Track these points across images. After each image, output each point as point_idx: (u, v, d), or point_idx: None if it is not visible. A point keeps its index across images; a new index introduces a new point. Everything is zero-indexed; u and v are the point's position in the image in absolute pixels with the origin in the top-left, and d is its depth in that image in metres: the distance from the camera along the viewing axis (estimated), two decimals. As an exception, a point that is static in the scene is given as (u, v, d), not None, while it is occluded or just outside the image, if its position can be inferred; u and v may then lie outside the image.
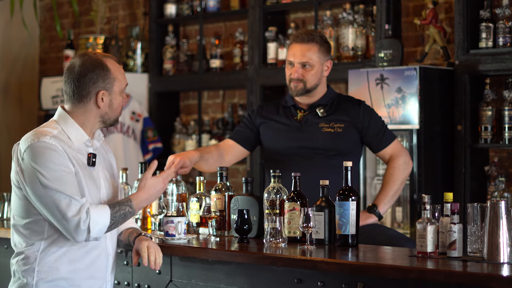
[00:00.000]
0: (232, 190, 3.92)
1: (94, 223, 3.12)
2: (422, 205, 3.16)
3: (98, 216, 3.14)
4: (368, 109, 4.25)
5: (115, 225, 3.22)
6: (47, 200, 3.11)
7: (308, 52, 4.15)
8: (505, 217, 3.00)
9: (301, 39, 4.16)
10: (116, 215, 3.19)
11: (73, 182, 3.14)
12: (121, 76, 3.30)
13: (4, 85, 8.04)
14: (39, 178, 3.11)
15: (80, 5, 7.81)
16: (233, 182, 6.50)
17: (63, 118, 3.28)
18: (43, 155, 3.13)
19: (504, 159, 5.39)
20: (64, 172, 3.13)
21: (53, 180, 3.10)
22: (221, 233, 3.87)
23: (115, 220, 3.19)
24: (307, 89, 4.17)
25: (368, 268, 3.05)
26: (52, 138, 3.17)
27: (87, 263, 3.22)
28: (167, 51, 7.03)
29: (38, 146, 3.14)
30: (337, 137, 4.15)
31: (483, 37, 5.18)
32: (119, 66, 3.33)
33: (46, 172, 3.10)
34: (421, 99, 5.19)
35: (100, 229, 3.15)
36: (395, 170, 4.17)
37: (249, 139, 4.31)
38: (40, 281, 3.16)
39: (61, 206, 3.09)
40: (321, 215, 3.53)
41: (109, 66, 3.28)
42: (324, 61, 4.20)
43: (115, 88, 3.28)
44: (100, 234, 3.17)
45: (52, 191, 3.10)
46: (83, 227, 3.10)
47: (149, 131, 6.97)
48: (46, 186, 3.10)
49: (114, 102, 3.29)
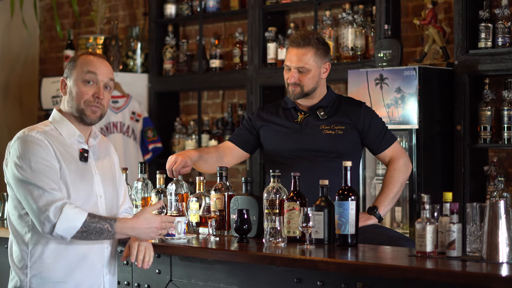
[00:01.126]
0: (231, 190, 3.92)
1: (63, 220, 3.10)
2: (421, 204, 3.16)
3: (71, 215, 3.12)
4: (369, 111, 4.24)
5: (87, 235, 3.15)
6: (22, 191, 3.14)
7: (304, 56, 4.13)
8: (504, 216, 3.00)
9: (297, 44, 4.14)
10: (91, 225, 3.14)
11: (52, 177, 3.15)
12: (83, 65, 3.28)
13: (4, 85, 8.05)
14: (18, 170, 3.15)
15: (80, 5, 7.81)
16: (233, 182, 6.51)
17: (55, 117, 3.34)
18: (26, 148, 3.17)
19: (503, 159, 5.40)
20: (44, 166, 3.15)
21: (30, 172, 3.13)
22: (220, 233, 3.88)
23: (88, 229, 3.14)
24: (305, 93, 4.17)
25: (367, 268, 3.05)
26: (40, 133, 3.21)
27: (79, 256, 3.23)
28: (167, 51, 7.04)
29: (23, 139, 3.19)
30: (338, 139, 4.14)
31: (482, 37, 5.18)
32: (90, 58, 3.29)
33: (25, 164, 3.14)
34: (421, 99, 5.19)
35: (67, 229, 3.12)
36: (396, 172, 4.17)
37: (249, 142, 4.30)
38: (33, 277, 3.18)
39: (32, 197, 3.12)
40: (321, 215, 3.53)
41: (80, 56, 3.31)
42: (322, 64, 4.18)
43: (74, 75, 3.28)
44: (66, 234, 3.13)
45: (27, 183, 3.13)
46: (53, 218, 3.09)
47: (149, 131, 6.97)
48: (22, 178, 3.14)
49: (73, 90, 3.28)
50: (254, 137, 4.30)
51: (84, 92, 3.27)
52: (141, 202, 4.12)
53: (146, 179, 4.18)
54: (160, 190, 4.04)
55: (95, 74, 3.28)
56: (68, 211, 3.12)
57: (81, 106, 3.27)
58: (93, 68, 3.28)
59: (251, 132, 4.30)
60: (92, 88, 3.28)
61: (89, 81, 3.28)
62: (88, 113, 3.28)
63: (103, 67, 3.31)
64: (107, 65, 3.34)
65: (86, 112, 3.28)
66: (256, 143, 4.31)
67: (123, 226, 3.21)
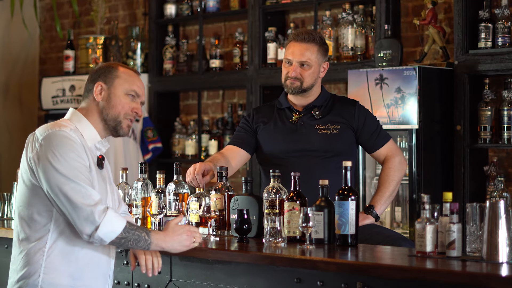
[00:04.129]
0: (231, 190, 3.92)
1: (106, 223, 3.08)
2: (421, 204, 3.16)
3: (114, 219, 3.10)
4: (362, 109, 4.24)
5: (125, 242, 3.14)
6: (62, 188, 3.07)
7: (307, 51, 4.15)
8: (504, 216, 3.00)
9: (301, 38, 4.15)
10: (131, 232, 3.14)
11: (88, 177, 3.13)
12: (127, 78, 3.31)
13: (4, 85, 8.05)
14: (56, 166, 3.08)
15: (80, 5, 7.82)
16: (233, 182, 6.51)
17: (76, 116, 3.30)
18: (62, 143, 3.12)
19: (503, 159, 5.40)
20: (81, 164, 3.12)
21: (71, 169, 3.09)
22: (220, 233, 3.88)
23: (127, 236, 3.13)
24: (303, 89, 4.17)
25: (367, 268, 3.05)
26: (72, 131, 3.18)
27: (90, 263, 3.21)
28: (167, 51, 7.04)
29: (58, 134, 3.14)
30: (334, 138, 4.14)
31: (482, 37, 5.18)
32: (133, 73, 3.35)
33: (64, 160, 3.09)
34: (421, 99, 5.19)
35: (108, 233, 3.09)
36: (391, 171, 4.18)
37: (250, 142, 4.29)
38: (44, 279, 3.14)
39: (77, 195, 3.06)
40: (321, 215, 3.53)
41: (119, 67, 3.33)
42: (322, 62, 4.20)
43: (116, 85, 3.29)
44: (106, 238, 3.10)
45: (69, 180, 3.08)
46: (97, 219, 3.05)
47: (149, 131, 6.98)
48: (63, 175, 3.08)
49: (113, 98, 3.29)
50: (253, 137, 4.30)
51: (126, 105, 3.30)
52: (141, 202, 4.12)
53: (146, 179, 4.19)
54: (160, 190, 4.04)
55: (139, 92, 3.33)
56: (112, 214, 3.10)
57: (120, 117, 3.29)
58: (139, 85, 3.34)
59: (249, 132, 4.29)
60: (133, 103, 3.32)
61: (133, 95, 3.31)
62: (124, 125, 3.31)
63: (143, 85, 3.38)
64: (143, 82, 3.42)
65: (123, 124, 3.31)
66: (255, 143, 4.31)
67: (158, 237, 3.21)
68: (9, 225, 4.53)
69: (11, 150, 7.66)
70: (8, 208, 4.86)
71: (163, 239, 3.23)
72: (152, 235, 3.19)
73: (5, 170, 7.69)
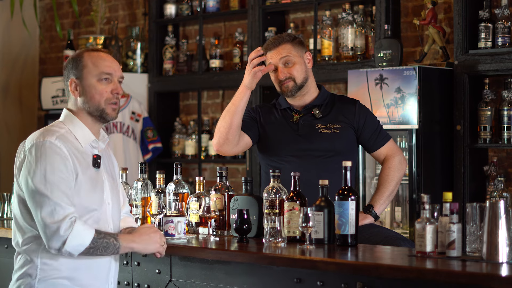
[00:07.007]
0: (231, 190, 3.92)
1: (73, 237, 3.07)
2: (421, 204, 3.16)
3: (81, 232, 3.09)
4: (363, 109, 4.24)
5: (94, 251, 3.13)
6: (33, 200, 3.08)
7: (283, 50, 4.15)
8: (504, 216, 3.00)
9: (272, 45, 4.16)
10: (99, 241, 3.13)
11: (66, 190, 3.10)
12: (94, 63, 3.23)
13: (4, 85, 8.05)
14: (32, 178, 3.08)
15: (80, 5, 7.82)
16: (233, 182, 6.51)
17: (68, 118, 3.27)
18: (44, 156, 3.10)
19: (503, 159, 5.40)
20: (60, 178, 3.09)
21: (45, 183, 3.07)
22: (220, 233, 3.88)
23: (95, 245, 3.12)
24: (299, 85, 4.15)
25: (367, 268, 3.05)
26: (58, 138, 3.14)
27: (88, 263, 3.21)
28: (167, 51, 7.04)
29: (42, 145, 3.12)
30: (335, 138, 4.14)
31: (482, 37, 5.18)
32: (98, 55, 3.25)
33: (41, 173, 3.08)
34: (421, 99, 5.19)
35: (76, 246, 3.09)
36: (390, 170, 4.18)
37: (254, 129, 4.23)
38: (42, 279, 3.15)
39: (43, 211, 3.06)
40: (321, 215, 3.53)
41: (84, 55, 3.25)
42: (302, 54, 4.19)
43: (85, 75, 3.23)
44: (74, 251, 3.10)
45: (39, 194, 3.07)
46: (63, 234, 3.05)
47: (149, 131, 6.98)
48: (35, 188, 3.07)
49: (88, 90, 3.23)
50: (256, 126, 4.24)
51: (103, 91, 3.23)
52: (141, 202, 4.13)
53: (146, 179, 4.19)
54: (160, 190, 4.04)
55: (110, 71, 3.25)
56: (78, 227, 3.08)
57: (102, 105, 3.24)
58: (107, 65, 3.25)
59: (254, 120, 4.25)
60: (110, 85, 3.25)
61: (106, 78, 3.24)
62: (109, 111, 3.26)
63: (113, 61, 3.29)
64: (113, 58, 3.32)
65: (107, 110, 3.25)
66: (258, 133, 4.26)
67: (126, 239, 3.22)
68: (9, 225, 4.53)
69: (11, 150, 7.65)
70: (8, 208, 4.86)
71: (131, 239, 3.25)
72: (120, 238, 3.20)
73: (5, 170, 7.69)
